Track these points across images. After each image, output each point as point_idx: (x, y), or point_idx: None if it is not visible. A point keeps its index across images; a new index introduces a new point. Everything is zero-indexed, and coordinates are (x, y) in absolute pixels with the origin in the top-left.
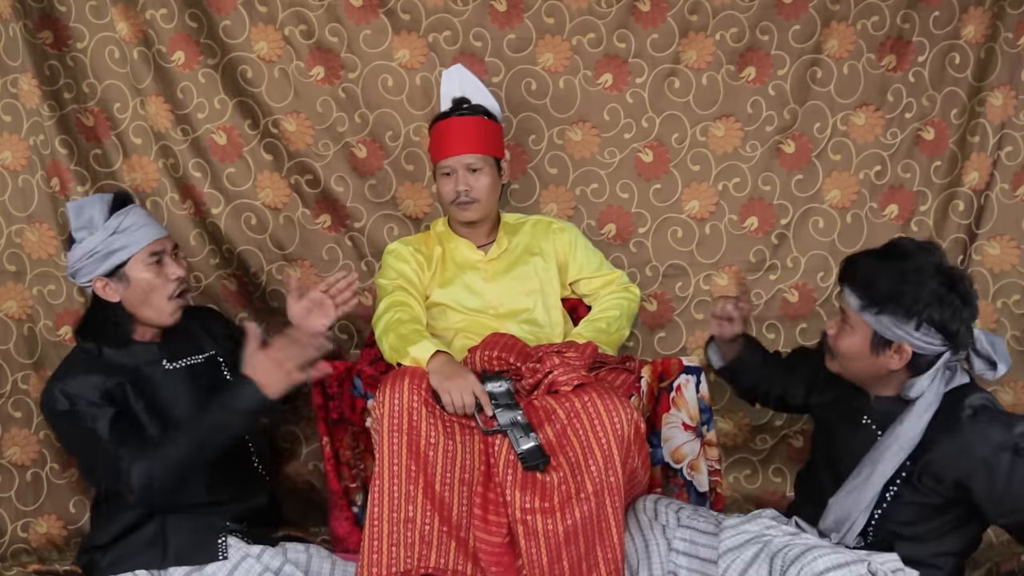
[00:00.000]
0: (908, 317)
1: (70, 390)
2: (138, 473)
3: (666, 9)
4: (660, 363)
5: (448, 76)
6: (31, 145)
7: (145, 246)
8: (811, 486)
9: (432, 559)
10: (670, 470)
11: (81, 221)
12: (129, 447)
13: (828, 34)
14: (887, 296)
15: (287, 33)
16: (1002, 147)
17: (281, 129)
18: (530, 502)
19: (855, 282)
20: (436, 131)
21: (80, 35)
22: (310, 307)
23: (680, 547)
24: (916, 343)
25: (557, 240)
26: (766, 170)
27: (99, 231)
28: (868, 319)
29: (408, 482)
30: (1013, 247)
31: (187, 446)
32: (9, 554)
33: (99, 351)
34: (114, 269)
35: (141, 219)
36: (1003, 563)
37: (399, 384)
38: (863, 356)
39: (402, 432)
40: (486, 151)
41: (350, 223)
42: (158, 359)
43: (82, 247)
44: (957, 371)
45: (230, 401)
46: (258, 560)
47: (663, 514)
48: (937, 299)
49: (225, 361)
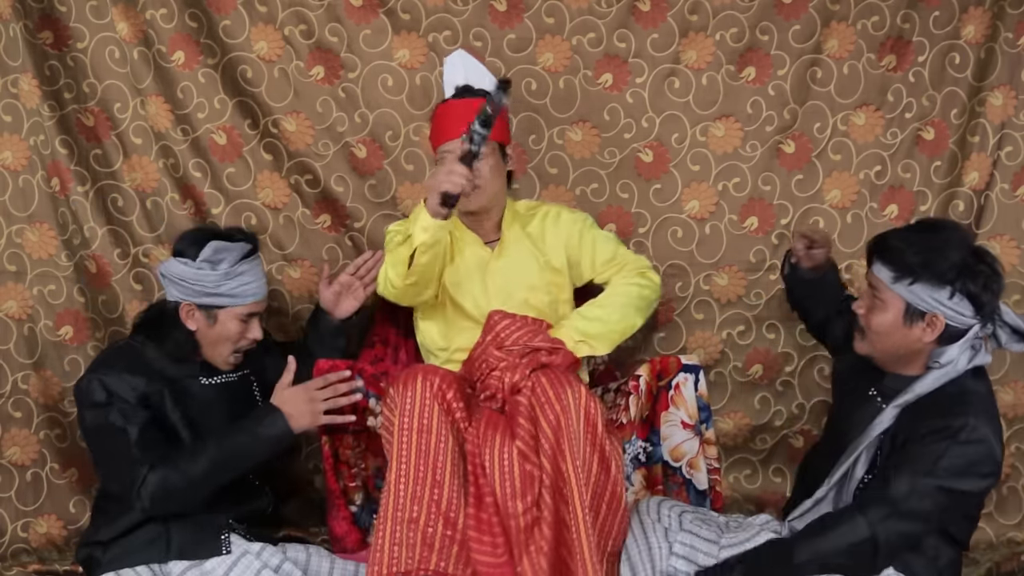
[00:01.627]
0: (942, 284)
1: (110, 384)
2: (154, 483)
3: (666, 9)
4: (659, 361)
5: (451, 63)
6: (31, 145)
7: (247, 304)
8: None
9: (432, 561)
10: (669, 468)
11: (213, 257)
12: (152, 455)
13: (828, 34)
14: (921, 265)
15: (287, 33)
16: (1002, 147)
17: (281, 129)
18: (526, 506)
19: (887, 255)
20: (437, 115)
21: (80, 35)
22: (340, 291)
23: (680, 551)
24: (949, 312)
25: (564, 232)
26: (766, 170)
27: (220, 272)
28: (901, 291)
29: (415, 483)
30: (1013, 247)
31: (207, 465)
32: (9, 554)
33: (144, 351)
34: (210, 306)
35: (258, 275)
36: (1003, 563)
37: (412, 383)
38: (896, 330)
39: (412, 431)
40: (491, 135)
41: (350, 223)
42: (196, 374)
43: (196, 274)
44: (981, 350)
45: (255, 427)
46: (257, 557)
47: (666, 516)
48: (968, 268)
49: (257, 380)
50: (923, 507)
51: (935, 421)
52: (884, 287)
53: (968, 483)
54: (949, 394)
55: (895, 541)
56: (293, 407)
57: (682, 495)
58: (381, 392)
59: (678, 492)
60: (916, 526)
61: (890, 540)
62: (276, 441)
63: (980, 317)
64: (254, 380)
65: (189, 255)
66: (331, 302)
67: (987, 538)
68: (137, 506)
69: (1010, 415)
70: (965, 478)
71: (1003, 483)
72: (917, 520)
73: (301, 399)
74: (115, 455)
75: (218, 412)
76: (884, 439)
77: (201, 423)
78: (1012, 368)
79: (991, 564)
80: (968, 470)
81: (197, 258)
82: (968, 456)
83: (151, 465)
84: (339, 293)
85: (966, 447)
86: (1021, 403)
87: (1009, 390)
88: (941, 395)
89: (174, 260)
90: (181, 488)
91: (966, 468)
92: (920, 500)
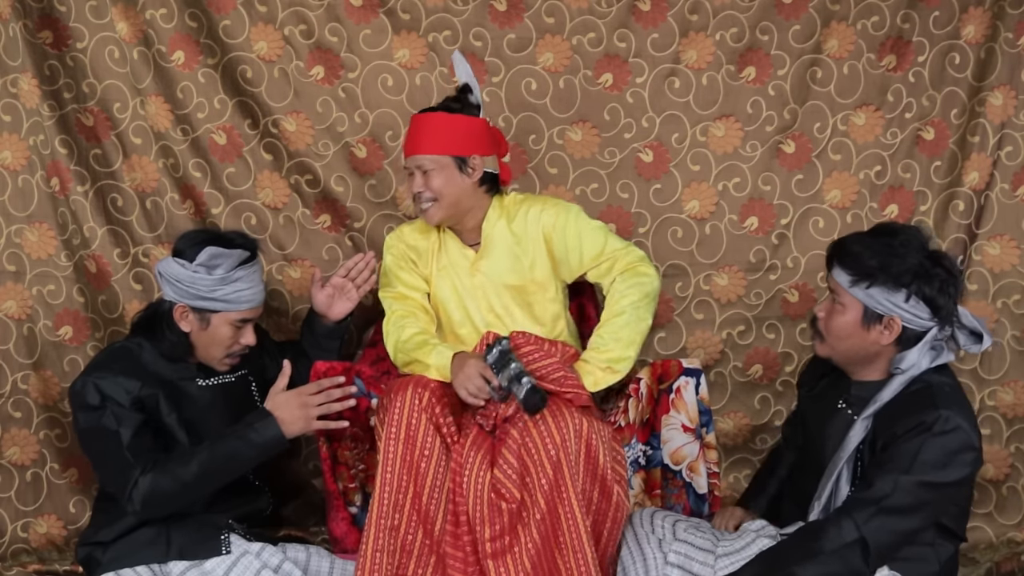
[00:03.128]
0: (897, 287)
1: (104, 388)
2: (146, 486)
3: (666, 9)
4: (660, 365)
5: (458, 59)
6: (31, 145)
7: (242, 311)
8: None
9: (410, 568)
10: (669, 472)
11: (209, 262)
12: (144, 459)
13: (828, 34)
14: (877, 268)
15: (287, 33)
16: (1002, 147)
17: (281, 129)
18: (493, 534)
19: (844, 259)
20: (412, 123)
21: (80, 35)
22: (332, 294)
23: (674, 560)
24: (905, 315)
25: (545, 227)
26: (766, 170)
27: (215, 277)
28: (858, 294)
29: (398, 491)
30: (1013, 247)
31: (198, 469)
32: (9, 554)
33: (140, 353)
34: (204, 309)
35: (254, 282)
36: (1003, 563)
37: (402, 393)
38: (855, 334)
39: (399, 441)
40: (442, 150)
41: (350, 223)
42: (193, 376)
43: (191, 276)
44: (943, 351)
45: (248, 432)
46: (257, 557)
47: (659, 527)
48: (924, 271)
49: (256, 381)
50: (908, 502)
51: (908, 420)
52: (843, 291)
53: (951, 473)
54: (916, 392)
55: (885, 540)
56: (286, 412)
57: (682, 499)
58: (381, 392)
59: (678, 496)
60: (905, 522)
61: (880, 540)
62: (268, 447)
63: (938, 320)
64: (253, 381)
65: (187, 257)
66: (324, 305)
67: (987, 538)
68: (128, 509)
69: (1010, 415)
70: (947, 469)
71: (1003, 483)
72: (904, 516)
73: (294, 404)
74: (108, 457)
75: (216, 413)
76: (863, 449)
77: (199, 424)
78: (1012, 368)
79: (991, 564)
80: (949, 460)
81: (194, 261)
82: (946, 447)
83: (143, 468)
84: (332, 296)
85: (943, 438)
86: (1021, 403)
87: (1009, 390)
88: (908, 394)
89: (171, 260)
90: (172, 492)
91: (947, 459)
92: (904, 496)
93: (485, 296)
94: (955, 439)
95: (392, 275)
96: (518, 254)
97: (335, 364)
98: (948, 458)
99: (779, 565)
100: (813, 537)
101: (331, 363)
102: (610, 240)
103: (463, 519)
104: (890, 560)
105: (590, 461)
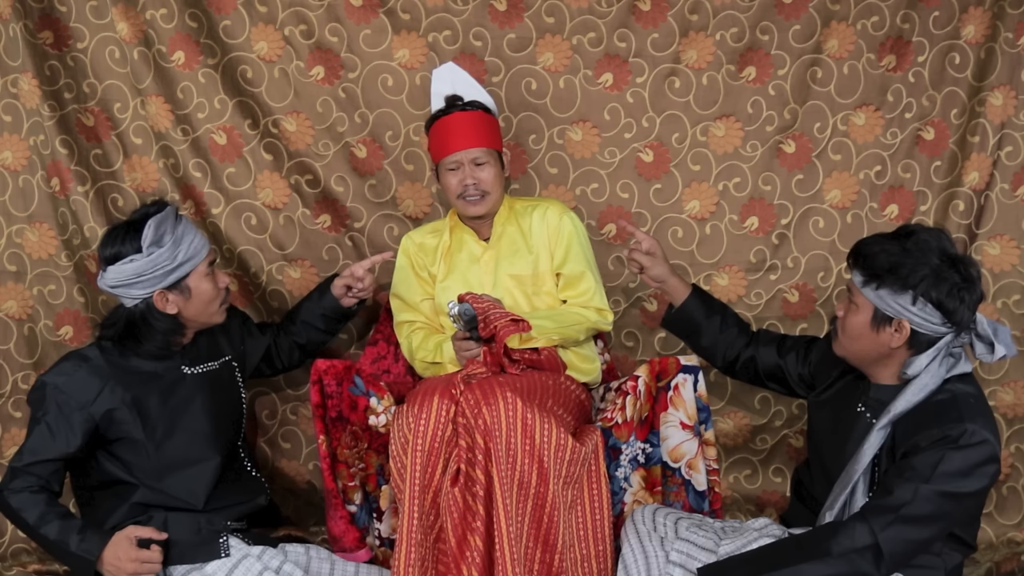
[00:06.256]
0: (904, 290)
1: (62, 385)
2: (15, 500)
3: (666, 9)
4: (658, 362)
5: (439, 75)
6: (31, 145)
7: (205, 256)
8: (804, 488)
9: None
10: (668, 469)
11: (157, 235)
12: (18, 479)
13: (828, 34)
14: (885, 269)
15: (287, 33)
16: (1002, 147)
17: (281, 129)
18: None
19: (859, 259)
20: (437, 128)
21: (80, 35)
22: (349, 284)
23: (676, 559)
24: (914, 319)
25: (551, 230)
26: (766, 170)
27: (167, 245)
28: (869, 295)
29: (422, 504)
30: (1013, 247)
31: (32, 529)
32: (9, 554)
33: (118, 360)
34: (177, 281)
35: (192, 226)
36: (1003, 563)
37: (428, 403)
38: (865, 334)
39: (426, 453)
40: (490, 144)
41: (350, 223)
42: (179, 364)
43: (150, 260)
44: (961, 359)
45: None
46: (258, 559)
47: (662, 525)
48: (935, 275)
49: (239, 366)
50: (927, 512)
51: (932, 431)
52: (857, 291)
53: (972, 483)
54: (940, 401)
55: (900, 549)
56: (114, 557)
57: (681, 496)
58: (381, 391)
59: (677, 493)
60: (922, 531)
61: (895, 548)
62: (78, 567)
63: (952, 326)
64: (236, 366)
65: (131, 250)
66: (341, 292)
67: (987, 538)
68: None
69: (1010, 415)
70: (969, 479)
71: (1003, 483)
72: (922, 525)
73: (127, 557)
74: (28, 437)
75: (202, 401)
76: (880, 456)
77: (185, 414)
78: (1012, 368)
79: (991, 564)
80: (972, 471)
81: (145, 246)
82: (971, 459)
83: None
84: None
85: (968, 451)
86: (1021, 403)
87: (1009, 390)
88: (932, 404)
89: (118, 266)
90: (21, 525)
91: (970, 470)
92: (924, 505)
93: (491, 285)
94: (980, 452)
95: (401, 279)
96: (524, 248)
97: (335, 363)
98: (971, 469)
99: (784, 560)
100: (823, 538)
101: (331, 362)
102: (587, 275)
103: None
104: (902, 568)
105: (527, 438)
